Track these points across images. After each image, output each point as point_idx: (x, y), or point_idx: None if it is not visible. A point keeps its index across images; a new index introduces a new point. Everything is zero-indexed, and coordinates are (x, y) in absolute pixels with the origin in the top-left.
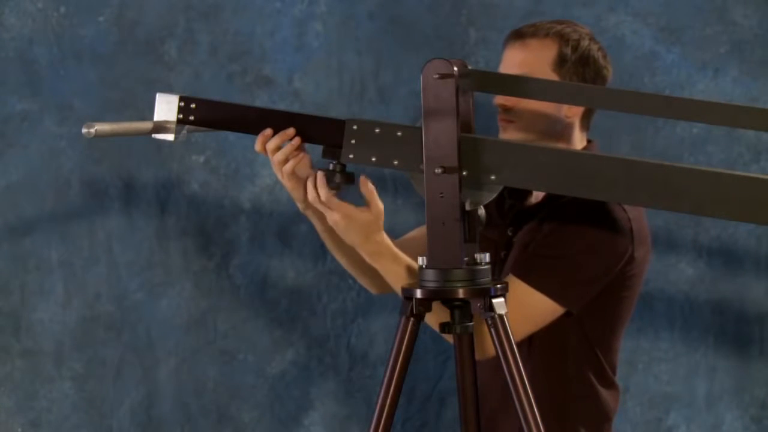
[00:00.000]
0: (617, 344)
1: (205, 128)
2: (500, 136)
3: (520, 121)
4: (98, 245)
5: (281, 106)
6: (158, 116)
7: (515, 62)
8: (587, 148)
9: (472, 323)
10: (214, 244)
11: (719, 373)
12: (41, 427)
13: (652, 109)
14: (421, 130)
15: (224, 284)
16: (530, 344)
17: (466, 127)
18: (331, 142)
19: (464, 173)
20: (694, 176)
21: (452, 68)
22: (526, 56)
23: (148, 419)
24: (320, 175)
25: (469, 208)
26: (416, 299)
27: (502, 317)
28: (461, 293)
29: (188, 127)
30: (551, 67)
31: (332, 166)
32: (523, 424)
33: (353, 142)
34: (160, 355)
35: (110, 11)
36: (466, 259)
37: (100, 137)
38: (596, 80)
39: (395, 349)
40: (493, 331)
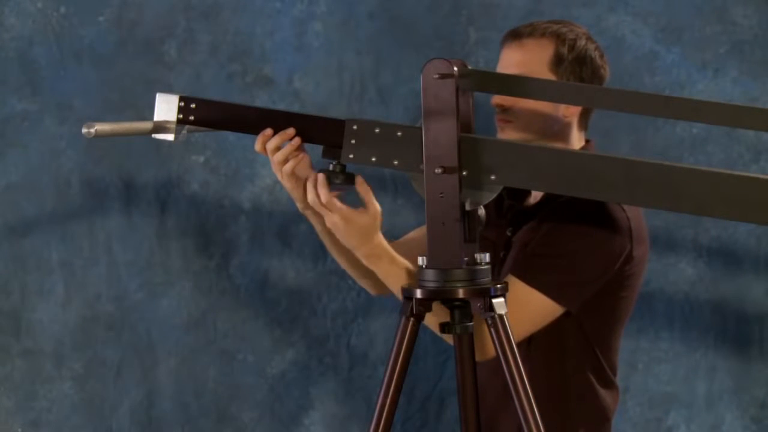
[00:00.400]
0: (616, 344)
1: (205, 128)
2: (498, 136)
3: (517, 121)
4: (98, 245)
5: (281, 106)
6: (158, 116)
7: (512, 62)
8: (585, 147)
9: (472, 323)
10: (214, 244)
11: (719, 373)
12: (41, 427)
13: (652, 109)
14: (421, 130)
15: (224, 284)
16: (529, 344)
17: (466, 127)
18: (331, 142)
19: (464, 173)
20: (694, 176)
21: (452, 68)
22: (523, 56)
23: (148, 419)
24: (321, 176)
25: (469, 208)
26: (416, 299)
27: (502, 317)
28: (461, 293)
29: (188, 127)
30: (548, 66)
31: (332, 166)
32: (523, 423)
33: (353, 142)
34: (160, 355)
35: (110, 11)
36: (466, 259)
37: (100, 137)
38: (593, 80)
39: (395, 349)
40: (493, 331)
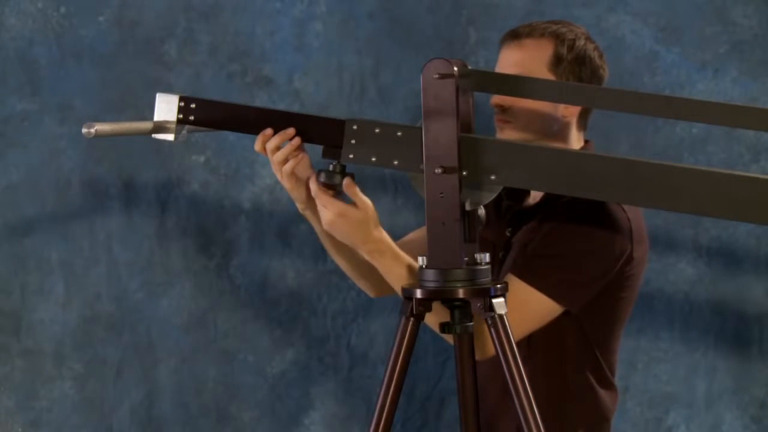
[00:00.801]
0: (616, 345)
1: (205, 128)
2: (497, 136)
3: (517, 121)
4: (98, 245)
5: (281, 106)
6: (158, 116)
7: (511, 62)
8: (585, 147)
9: (472, 323)
10: (214, 244)
11: (719, 373)
12: (41, 427)
13: (652, 109)
14: (421, 130)
15: (224, 284)
16: (529, 344)
17: (466, 127)
18: (331, 142)
19: (464, 173)
20: (694, 176)
21: (452, 68)
22: (522, 56)
23: (148, 419)
24: (313, 173)
25: (469, 208)
26: (416, 299)
27: (502, 317)
28: (461, 293)
29: (188, 127)
30: (547, 66)
31: (332, 166)
32: (523, 424)
33: (353, 142)
34: (160, 355)
35: (110, 11)
36: (466, 259)
37: (100, 137)
38: (592, 80)
39: (395, 349)
40: (493, 330)
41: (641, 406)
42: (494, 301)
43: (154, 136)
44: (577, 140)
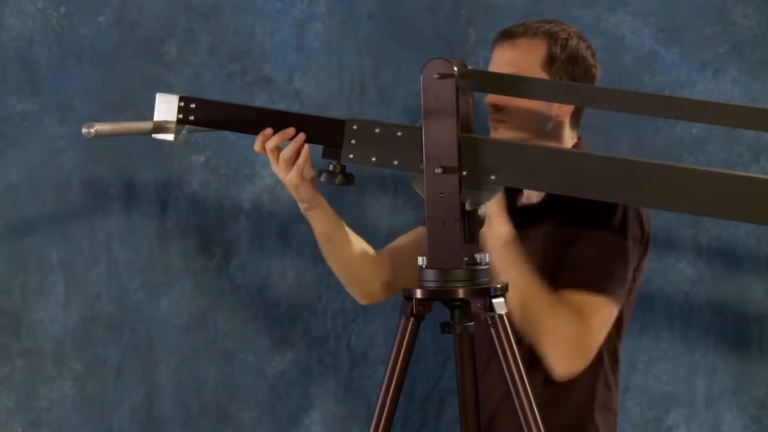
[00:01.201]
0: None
1: (205, 128)
2: (491, 135)
3: (511, 120)
4: (98, 245)
5: (281, 106)
6: (158, 116)
7: (505, 62)
8: (577, 145)
9: (472, 323)
10: (214, 244)
11: (719, 373)
12: (41, 427)
13: (652, 109)
14: (421, 130)
15: (224, 284)
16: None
17: (466, 127)
18: (331, 142)
19: (464, 173)
20: (694, 176)
21: (452, 68)
22: (515, 56)
23: (148, 419)
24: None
25: (469, 208)
26: (416, 299)
27: (502, 317)
28: (461, 293)
29: (188, 127)
30: (541, 66)
31: (332, 166)
32: (523, 424)
33: (353, 142)
34: (160, 355)
35: (110, 11)
36: (466, 259)
37: (100, 137)
38: (585, 78)
39: (395, 349)
40: (493, 331)
41: (641, 406)
42: (494, 301)
43: (154, 136)
44: (570, 138)
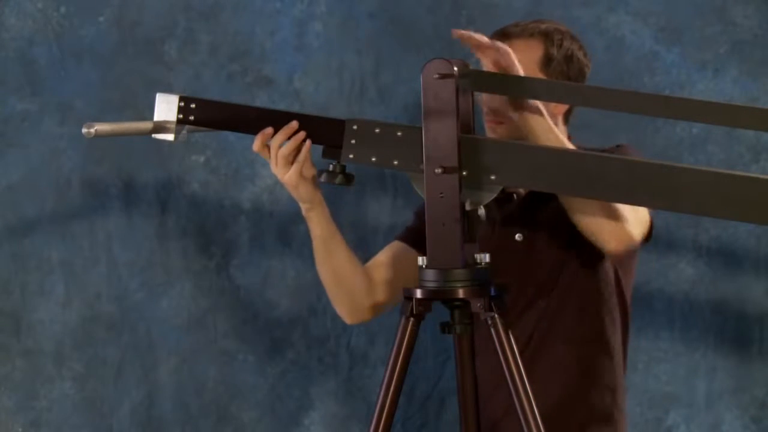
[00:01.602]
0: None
1: (205, 128)
2: (487, 136)
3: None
4: (98, 245)
5: (281, 106)
6: (158, 116)
7: None
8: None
9: (472, 323)
10: (214, 244)
11: (719, 373)
12: (41, 427)
13: (652, 109)
14: (421, 130)
15: (224, 284)
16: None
17: (466, 127)
18: (331, 142)
19: (464, 173)
20: (694, 176)
21: (452, 68)
22: None
23: (148, 419)
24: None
25: (469, 208)
26: (416, 299)
27: (502, 317)
28: (461, 293)
29: (188, 127)
30: (538, 66)
31: (332, 166)
32: (523, 424)
33: (353, 142)
34: (160, 355)
35: (110, 11)
36: (466, 259)
37: (100, 137)
38: (579, 77)
39: (395, 349)
40: (493, 331)
41: (641, 406)
42: (494, 301)
43: (154, 136)
44: (563, 135)
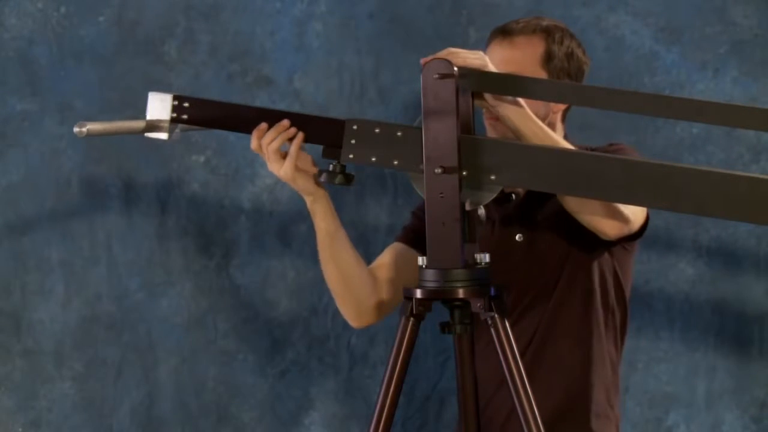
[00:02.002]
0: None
1: (198, 127)
2: (488, 135)
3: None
4: (98, 245)
5: (281, 106)
6: (151, 115)
7: (503, 59)
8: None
9: (472, 323)
10: (214, 244)
11: (719, 373)
12: (41, 427)
13: (652, 109)
14: (421, 130)
15: (224, 284)
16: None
17: (465, 127)
18: (331, 142)
19: (464, 173)
20: (694, 176)
21: (452, 68)
22: (514, 53)
23: (148, 419)
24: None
25: (469, 208)
26: (416, 299)
27: (502, 317)
28: (461, 293)
29: (181, 125)
30: (540, 63)
31: (332, 166)
32: (523, 424)
33: (353, 142)
34: (160, 355)
35: (110, 11)
36: (466, 259)
37: (92, 136)
38: (578, 74)
39: (395, 349)
40: (493, 331)
41: (641, 406)
42: (494, 301)
43: (147, 134)
44: (560, 133)
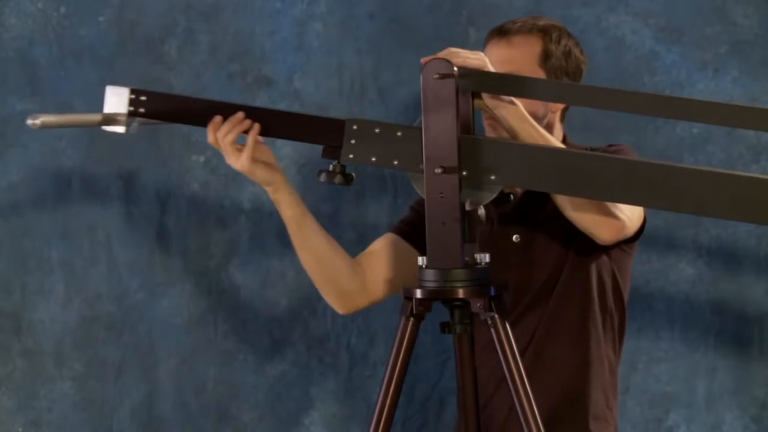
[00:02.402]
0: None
1: (156, 121)
2: (486, 135)
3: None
4: (98, 245)
5: (281, 105)
6: (108, 108)
7: (501, 59)
8: (563, 140)
9: (472, 323)
10: (214, 244)
11: (719, 373)
12: (41, 427)
13: (652, 109)
14: (421, 130)
15: (224, 284)
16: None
17: (465, 127)
18: (331, 142)
19: (464, 173)
20: (694, 176)
21: (452, 68)
22: (512, 53)
23: (148, 419)
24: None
25: (469, 208)
26: (416, 299)
27: (502, 317)
28: (461, 293)
29: (140, 119)
30: (538, 62)
31: (332, 166)
32: (523, 424)
33: (353, 142)
34: (160, 355)
35: (110, 11)
36: (466, 259)
37: (46, 129)
38: (576, 74)
39: (395, 349)
40: (493, 331)
41: (641, 406)
42: (494, 301)
43: (104, 128)
44: (559, 132)
